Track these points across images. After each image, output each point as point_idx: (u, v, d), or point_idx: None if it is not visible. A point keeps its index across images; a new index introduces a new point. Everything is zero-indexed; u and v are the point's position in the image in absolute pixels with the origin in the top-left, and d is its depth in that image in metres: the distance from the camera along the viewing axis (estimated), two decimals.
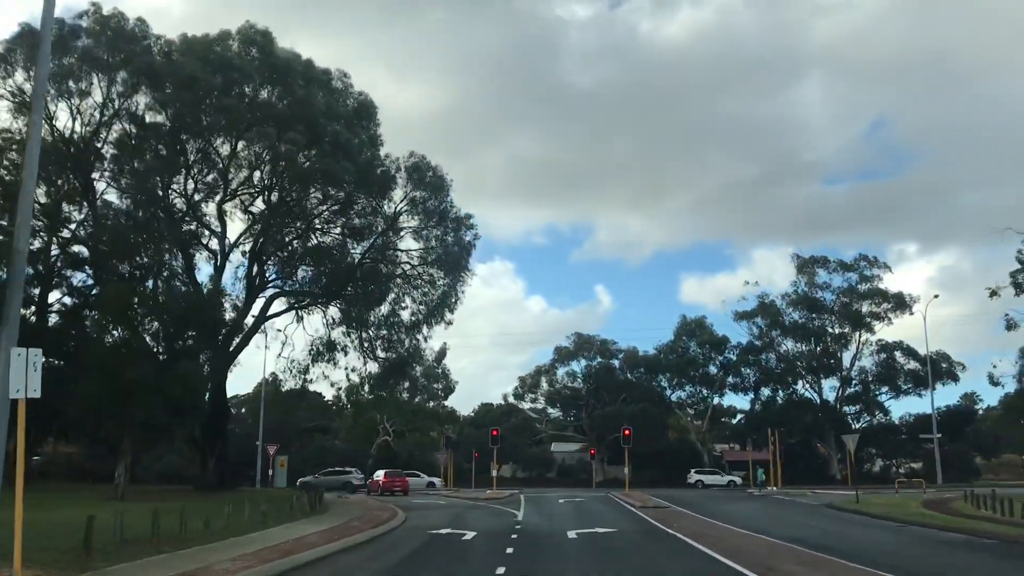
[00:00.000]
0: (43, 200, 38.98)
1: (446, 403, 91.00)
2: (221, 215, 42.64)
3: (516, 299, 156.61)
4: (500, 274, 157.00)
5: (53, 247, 42.62)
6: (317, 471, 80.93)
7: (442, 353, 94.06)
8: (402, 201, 42.94)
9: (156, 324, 36.29)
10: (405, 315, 45.23)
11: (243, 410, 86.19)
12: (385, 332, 45.13)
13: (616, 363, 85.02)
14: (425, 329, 45.16)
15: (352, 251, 43.77)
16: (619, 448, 79.71)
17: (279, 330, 46.11)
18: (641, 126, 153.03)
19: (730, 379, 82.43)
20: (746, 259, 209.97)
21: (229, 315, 40.93)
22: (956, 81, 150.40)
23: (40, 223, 38.86)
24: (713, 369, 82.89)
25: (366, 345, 44.99)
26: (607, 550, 19.67)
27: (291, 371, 45.36)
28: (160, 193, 39.94)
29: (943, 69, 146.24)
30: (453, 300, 44.63)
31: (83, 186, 40.96)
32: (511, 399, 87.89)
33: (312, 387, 48.16)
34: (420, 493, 55.96)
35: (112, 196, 42.28)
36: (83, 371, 34.66)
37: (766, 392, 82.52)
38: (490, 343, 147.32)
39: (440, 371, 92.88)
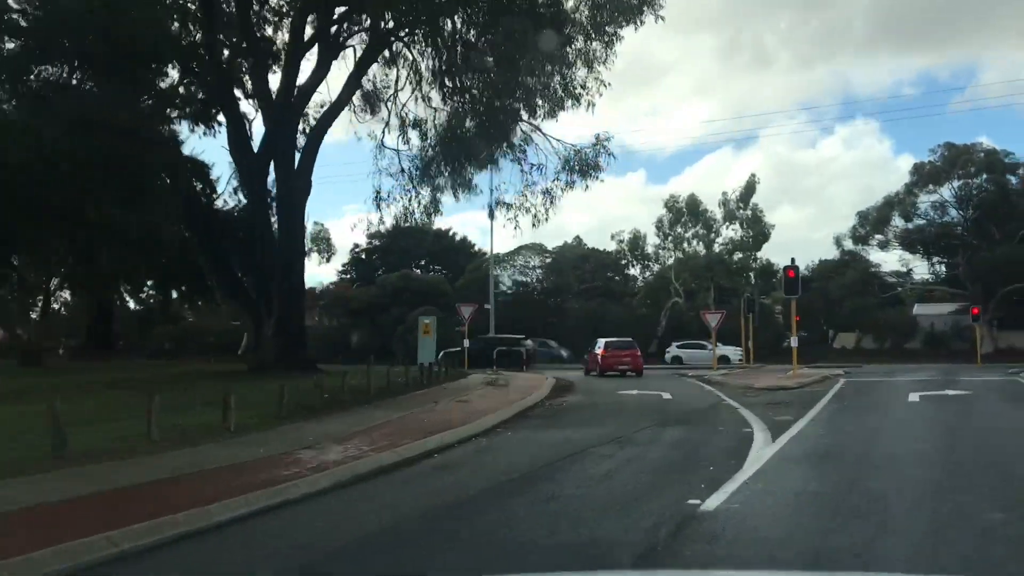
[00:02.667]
0: None
1: (759, 255, 67.11)
2: None
3: (883, 160, 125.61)
4: (863, 134, 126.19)
5: None
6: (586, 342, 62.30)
7: (749, 188, 69.87)
8: None
9: None
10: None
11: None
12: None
13: (1013, 182, 54.96)
14: (597, 46, 22.41)
15: None
16: (1016, 305, 52.27)
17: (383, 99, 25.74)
18: None
19: None
20: None
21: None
22: None
23: None
24: None
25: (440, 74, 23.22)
26: None
27: (411, 173, 25.39)
28: None
29: None
30: None
31: None
32: (847, 244, 61.22)
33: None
34: (685, 371, 34.88)
35: None
36: None
37: None
38: (854, 210, 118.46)
39: (749, 212, 69.20)
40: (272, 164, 24.73)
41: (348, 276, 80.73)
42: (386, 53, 24.11)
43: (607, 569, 5.86)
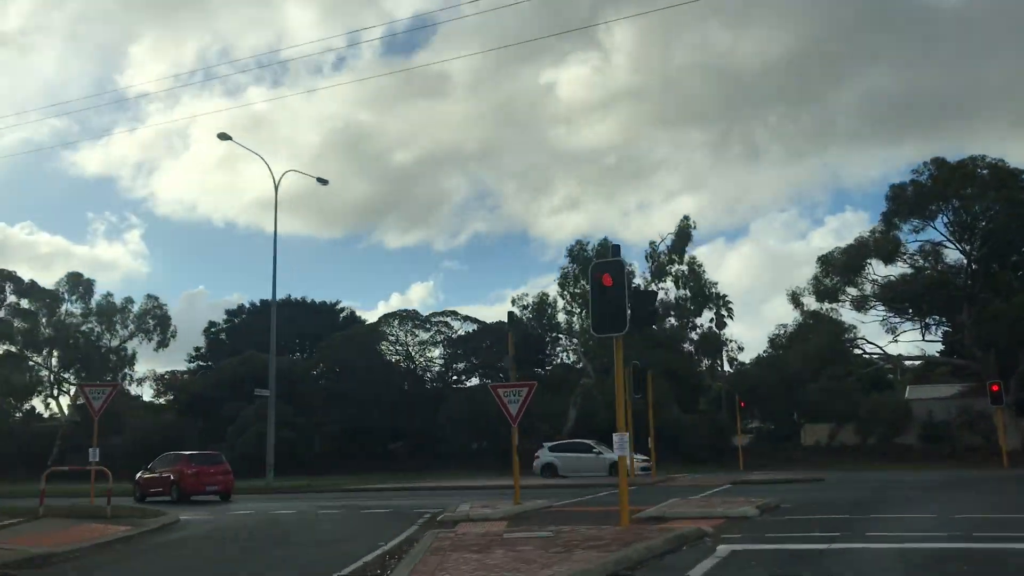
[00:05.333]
0: None
1: (698, 322, 50.56)
2: None
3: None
4: (853, 225, 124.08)
5: None
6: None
7: (683, 235, 53.36)
8: None
9: None
10: None
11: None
12: None
13: None
14: None
15: None
16: None
17: None
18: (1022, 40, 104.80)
19: None
20: None
21: None
22: None
23: None
24: None
25: None
26: None
27: None
28: None
29: None
30: None
31: None
32: (808, 301, 44.72)
33: None
34: (538, 488, 18.88)
35: None
36: None
37: None
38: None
39: (684, 268, 52.45)
40: None
41: (202, 363, 64.17)
42: None
43: None
